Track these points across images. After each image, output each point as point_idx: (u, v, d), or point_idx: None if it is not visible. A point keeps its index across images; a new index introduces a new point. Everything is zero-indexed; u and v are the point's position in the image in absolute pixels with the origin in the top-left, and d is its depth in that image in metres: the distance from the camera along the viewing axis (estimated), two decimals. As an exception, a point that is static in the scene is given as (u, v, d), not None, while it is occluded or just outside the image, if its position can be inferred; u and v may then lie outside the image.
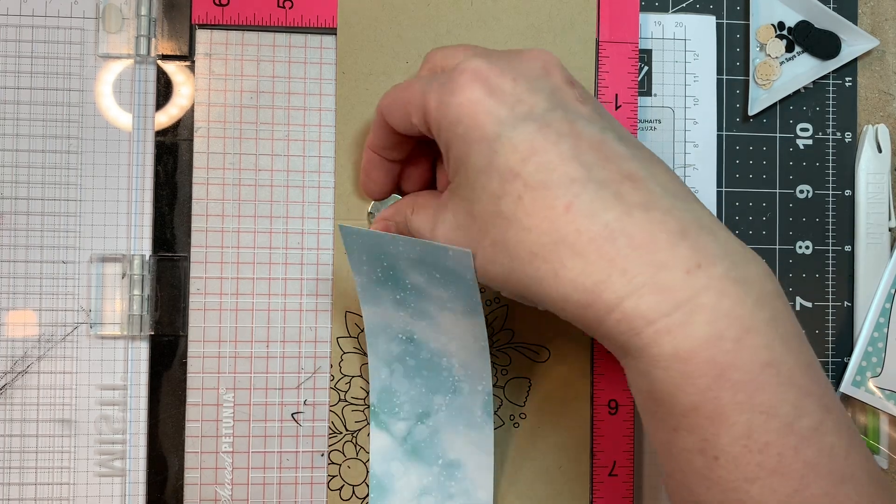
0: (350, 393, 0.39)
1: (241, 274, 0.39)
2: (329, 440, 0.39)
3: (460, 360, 0.36)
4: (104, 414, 0.38)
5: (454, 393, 0.37)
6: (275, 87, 0.39)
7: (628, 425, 0.40)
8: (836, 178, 0.43)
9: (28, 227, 0.38)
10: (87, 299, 0.38)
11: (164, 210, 0.39)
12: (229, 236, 0.39)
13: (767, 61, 0.42)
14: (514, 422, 0.39)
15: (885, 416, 0.42)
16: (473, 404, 0.37)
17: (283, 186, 0.39)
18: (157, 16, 0.39)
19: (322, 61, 0.39)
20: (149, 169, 0.39)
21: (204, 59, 0.39)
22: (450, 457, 0.38)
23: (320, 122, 0.39)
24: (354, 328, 0.39)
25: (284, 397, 0.39)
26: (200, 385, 0.38)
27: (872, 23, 0.44)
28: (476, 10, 0.39)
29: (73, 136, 0.39)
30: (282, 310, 0.39)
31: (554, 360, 0.39)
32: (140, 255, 0.38)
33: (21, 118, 0.38)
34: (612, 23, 0.40)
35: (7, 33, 0.38)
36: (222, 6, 0.38)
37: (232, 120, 0.39)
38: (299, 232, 0.39)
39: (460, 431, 0.38)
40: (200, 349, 0.38)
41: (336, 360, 0.39)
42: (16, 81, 0.38)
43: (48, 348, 0.38)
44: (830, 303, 0.43)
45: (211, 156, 0.39)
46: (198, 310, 0.38)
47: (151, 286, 0.38)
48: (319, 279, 0.39)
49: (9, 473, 0.38)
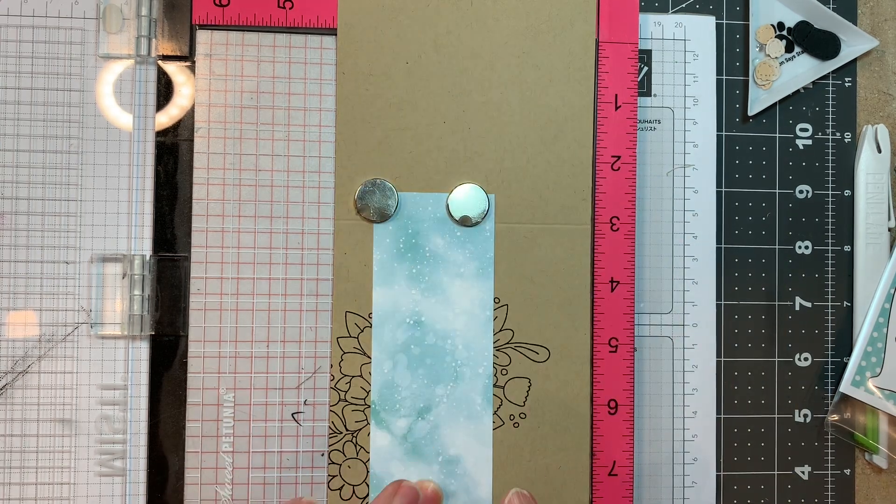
0: (350, 393, 0.39)
1: (242, 274, 0.39)
2: (329, 440, 0.39)
3: (464, 340, 0.38)
4: (104, 414, 0.38)
5: (455, 380, 0.38)
6: (275, 88, 0.39)
7: (628, 425, 0.40)
8: (836, 179, 0.43)
9: (29, 227, 0.38)
10: (87, 299, 0.38)
11: (164, 210, 0.39)
12: (230, 236, 0.39)
13: (767, 61, 0.42)
14: (513, 422, 0.39)
15: (885, 416, 0.42)
16: (474, 391, 0.38)
17: (283, 187, 0.39)
18: (158, 16, 0.39)
19: (322, 62, 0.39)
20: (149, 169, 0.39)
21: (204, 60, 0.39)
22: (450, 453, 0.39)
23: (320, 123, 0.39)
24: (354, 328, 0.39)
25: (285, 397, 0.39)
26: (201, 385, 0.38)
27: (872, 23, 0.44)
28: (476, 10, 0.39)
29: (73, 137, 0.39)
30: (282, 310, 0.39)
31: (554, 359, 0.39)
32: (140, 255, 0.38)
33: (22, 118, 0.38)
34: (611, 23, 0.40)
35: (8, 33, 0.38)
36: (222, 7, 0.39)
37: (232, 120, 0.39)
38: (299, 232, 0.39)
39: (461, 424, 0.38)
40: (201, 349, 0.38)
41: (336, 360, 0.39)
42: (16, 82, 0.38)
43: (49, 348, 0.38)
44: (830, 303, 0.43)
45: (211, 156, 0.39)
46: (198, 310, 0.38)
47: (152, 286, 0.38)
48: (320, 279, 0.39)
49: (9, 473, 0.38)
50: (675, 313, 0.42)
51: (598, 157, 0.40)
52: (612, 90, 0.40)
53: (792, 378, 0.42)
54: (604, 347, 0.40)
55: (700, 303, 0.42)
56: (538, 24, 0.40)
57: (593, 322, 0.40)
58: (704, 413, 0.42)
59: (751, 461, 0.42)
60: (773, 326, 0.42)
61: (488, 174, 0.39)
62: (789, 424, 0.42)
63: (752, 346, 0.42)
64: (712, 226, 0.42)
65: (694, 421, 0.41)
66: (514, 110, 0.40)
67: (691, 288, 0.42)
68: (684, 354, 0.42)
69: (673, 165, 0.42)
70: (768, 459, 0.42)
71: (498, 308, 0.39)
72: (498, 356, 0.39)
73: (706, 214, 0.42)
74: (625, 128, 0.40)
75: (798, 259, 0.43)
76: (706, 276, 0.42)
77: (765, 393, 0.42)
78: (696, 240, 0.42)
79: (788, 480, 0.42)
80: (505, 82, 0.40)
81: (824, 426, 0.43)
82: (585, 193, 0.40)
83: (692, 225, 0.42)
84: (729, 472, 0.42)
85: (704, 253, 0.42)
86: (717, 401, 0.42)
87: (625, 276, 0.40)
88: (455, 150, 0.39)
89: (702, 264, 0.42)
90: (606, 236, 0.40)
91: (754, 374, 0.42)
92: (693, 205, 0.42)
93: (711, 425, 0.42)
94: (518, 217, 0.39)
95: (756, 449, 0.42)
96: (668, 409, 0.41)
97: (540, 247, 0.39)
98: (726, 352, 0.42)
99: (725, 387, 0.42)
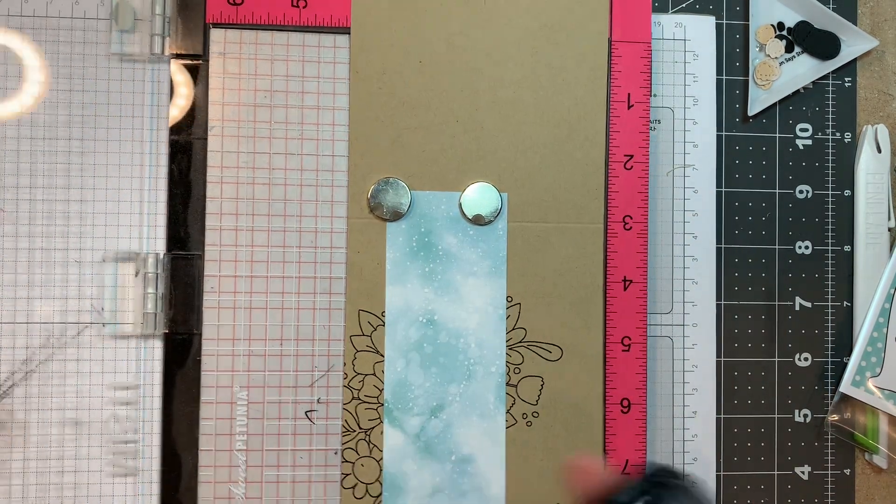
0: (363, 391, 0.39)
1: (255, 272, 0.39)
2: (342, 438, 0.39)
3: (477, 339, 0.38)
4: (117, 413, 0.38)
5: (468, 379, 0.38)
6: (288, 87, 0.39)
7: (640, 424, 0.40)
8: (836, 179, 0.43)
9: (42, 226, 0.38)
10: (100, 298, 0.38)
11: (178, 208, 0.39)
12: (243, 235, 0.39)
13: (767, 61, 0.42)
14: (526, 420, 0.39)
15: (885, 416, 0.42)
16: (487, 390, 0.38)
17: (296, 185, 0.39)
18: (171, 15, 0.39)
19: (335, 60, 0.39)
20: (162, 169, 0.39)
21: (218, 59, 0.39)
22: (463, 452, 0.39)
23: (334, 121, 0.39)
24: (367, 326, 0.39)
25: (298, 395, 0.39)
26: (214, 383, 0.38)
27: (872, 23, 0.44)
28: (488, 9, 0.39)
29: (86, 136, 0.39)
30: (295, 308, 0.39)
31: (566, 358, 0.39)
32: (154, 253, 0.38)
33: (36, 117, 0.38)
34: (624, 22, 0.40)
35: (22, 33, 0.38)
36: (236, 5, 0.39)
37: (246, 119, 0.39)
38: (313, 230, 0.39)
39: (473, 423, 0.38)
40: (214, 347, 0.38)
41: (349, 359, 0.39)
42: (31, 81, 0.38)
43: (61, 347, 0.38)
44: (830, 303, 0.43)
45: (225, 154, 0.39)
46: (212, 308, 0.38)
47: (165, 284, 0.38)
48: (333, 277, 0.39)
49: (24, 475, 0.38)
50: (675, 313, 0.42)
51: (611, 156, 0.40)
52: (625, 89, 0.40)
53: (792, 378, 0.42)
54: (616, 346, 0.40)
55: (700, 303, 0.42)
56: (551, 23, 0.40)
57: (606, 321, 0.40)
58: (704, 413, 0.42)
59: (751, 461, 0.42)
60: (773, 326, 0.42)
61: (501, 173, 0.39)
62: (789, 424, 0.42)
63: (752, 346, 0.42)
64: (712, 226, 0.42)
65: (694, 421, 0.42)
66: (526, 109, 0.40)
67: (691, 288, 0.42)
68: (684, 354, 0.42)
69: (673, 165, 0.42)
70: (768, 459, 0.42)
71: (511, 307, 0.39)
72: (511, 355, 0.39)
73: (706, 214, 0.42)
74: (637, 127, 0.40)
75: (798, 259, 0.43)
76: (706, 276, 0.42)
77: (765, 393, 0.42)
78: (696, 240, 0.42)
79: (788, 480, 0.42)
80: (518, 81, 0.40)
81: (824, 426, 0.43)
82: (598, 192, 0.40)
83: (692, 225, 0.42)
84: (729, 472, 0.42)
85: (704, 253, 0.42)
86: (717, 401, 0.42)
87: (638, 275, 0.40)
88: (468, 148, 0.39)
89: (702, 264, 0.42)
90: (619, 235, 0.40)
91: (754, 374, 0.42)
92: (693, 205, 0.42)
93: (711, 425, 0.42)
94: (531, 216, 0.39)
95: (756, 449, 0.42)
96: (668, 409, 0.41)
97: (553, 246, 0.40)
98: (726, 352, 0.42)
99: (725, 387, 0.42)
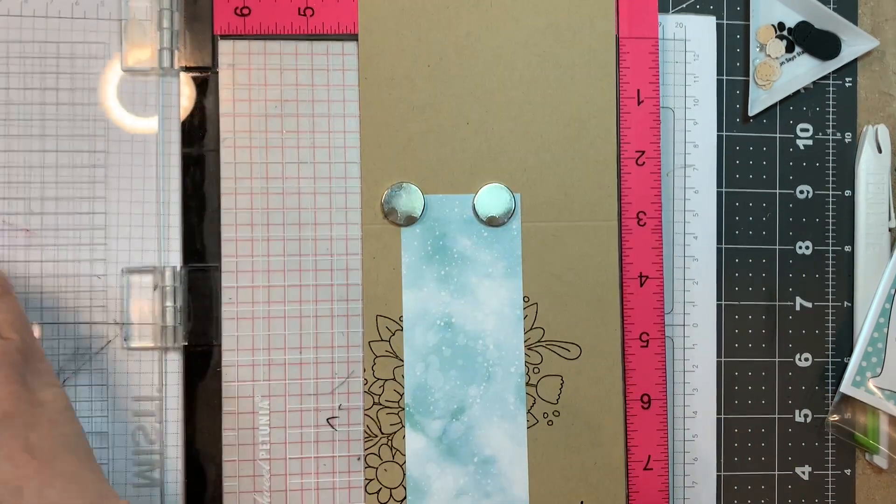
0: (384, 396, 0.39)
1: (272, 282, 0.39)
2: (365, 444, 0.39)
3: (495, 340, 0.38)
4: (140, 425, 0.39)
5: (488, 380, 0.38)
6: (298, 95, 0.39)
7: (661, 419, 0.40)
8: (836, 179, 0.43)
9: (57, 243, 0.38)
10: (119, 312, 0.39)
11: (193, 221, 0.39)
12: (259, 245, 0.39)
13: (767, 62, 0.42)
14: (547, 419, 0.39)
15: (885, 416, 0.42)
16: (506, 391, 0.39)
17: (310, 194, 0.39)
18: (180, 28, 0.39)
19: (344, 67, 0.40)
20: (175, 182, 0.39)
21: (227, 70, 0.39)
22: (485, 454, 0.39)
23: (345, 129, 0.39)
24: (385, 331, 0.39)
25: (319, 403, 0.39)
26: (236, 393, 0.38)
27: (872, 23, 0.44)
28: (495, 10, 0.40)
29: (99, 150, 0.39)
30: (313, 316, 0.39)
31: (585, 356, 0.40)
32: (171, 266, 0.39)
33: (48, 133, 0.39)
34: (631, 18, 0.40)
35: (33, 49, 0.39)
36: (244, 16, 0.39)
37: (257, 129, 0.39)
38: (328, 238, 0.39)
39: (494, 423, 0.39)
40: (234, 358, 0.38)
41: (369, 364, 0.39)
42: (42, 97, 0.39)
43: (83, 362, 0.38)
44: (830, 303, 0.43)
45: (238, 166, 0.39)
46: (230, 319, 0.38)
47: (183, 297, 0.39)
48: (349, 284, 0.39)
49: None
50: (675, 313, 0.42)
51: (623, 153, 0.40)
52: (634, 85, 0.40)
53: (792, 378, 0.42)
54: (635, 342, 0.40)
55: (700, 303, 0.42)
56: (558, 22, 0.40)
57: (623, 317, 0.40)
58: (704, 413, 0.42)
59: (751, 461, 0.42)
60: (774, 327, 0.42)
61: (513, 174, 0.39)
62: (790, 424, 0.42)
63: (753, 347, 0.42)
64: (713, 226, 0.42)
65: (694, 421, 0.42)
66: (536, 109, 0.40)
67: (691, 288, 0.42)
68: (684, 354, 0.42)
69: (673, 166, 0.42)
70: (768, 459, 0.42)
71: (527, 307, 0.39)
72: (529, 355, 0.39)
73: (706, 214, 0.42)
74: (648, 122, 0.40)
75: (798, 259, 0.43)
76: (706, 277, 0.42)
77: (765, 393, 0.42)
78: (696, 240, 0.42)
79: (789, 480, 0.42)
80: (526, 81, 0.40)
81: (825, 426, 0.42)
82: (611, 189, 0.40)
83: (692, 225, 0.42)
84: (729, 472, 0.42)
85: (705, 253, 0.42)
86: (717, 401, 0.42)
87: (653, 271, 0.40)
88: (479, 150, 0.39)
89: (702, 264, 0.42)
90: (633, 231, 0.40)
91: (754, 374, 0.42)
92: (693, 205, 0.42)
93: (711, 425, 0.42)
94: (544, 215, 0.40)
95: (756, 449, 0.42)
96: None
97: (567, 244, 0.40)
98: (726, 352, 0.42)
99: (725, 387, 0.42)
